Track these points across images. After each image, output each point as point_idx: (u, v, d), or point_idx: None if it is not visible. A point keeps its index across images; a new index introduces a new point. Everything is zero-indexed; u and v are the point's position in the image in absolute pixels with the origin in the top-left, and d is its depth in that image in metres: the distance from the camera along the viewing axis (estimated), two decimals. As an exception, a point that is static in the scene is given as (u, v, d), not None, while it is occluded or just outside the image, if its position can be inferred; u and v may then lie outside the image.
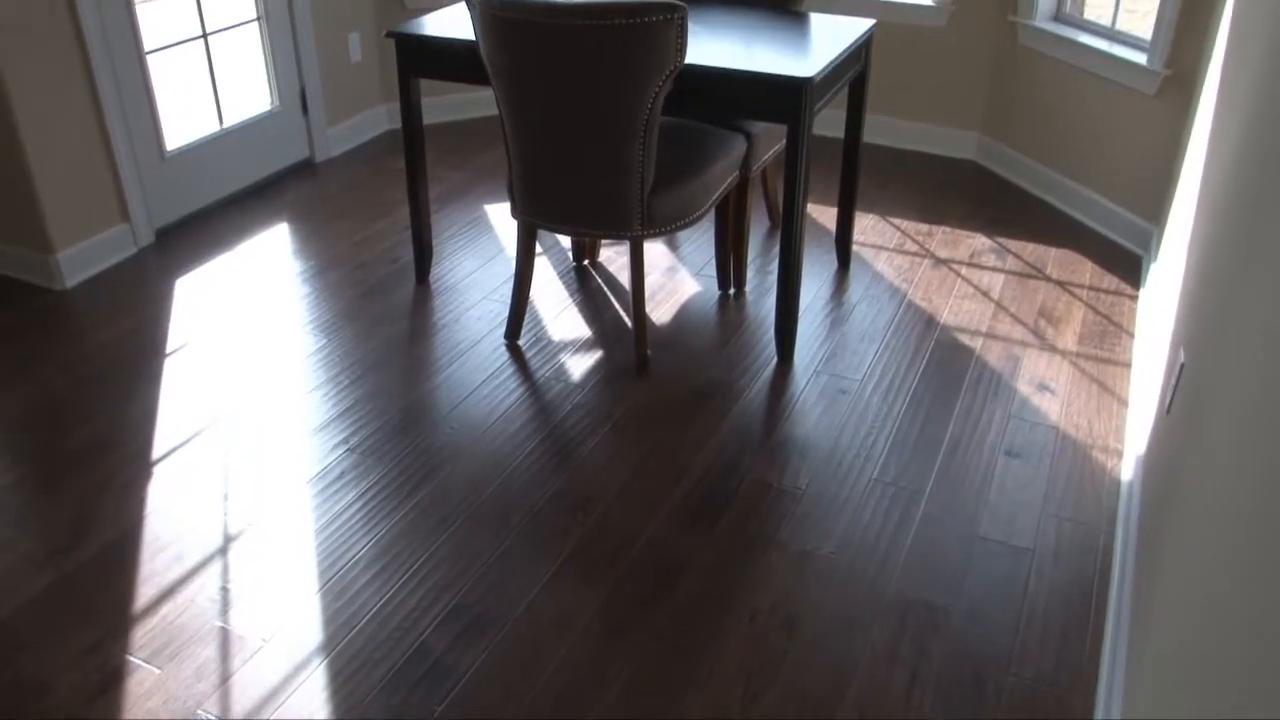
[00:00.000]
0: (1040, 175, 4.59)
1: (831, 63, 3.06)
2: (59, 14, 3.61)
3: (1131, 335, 3.53)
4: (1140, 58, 3.99)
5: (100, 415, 3.08)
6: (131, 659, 2.28)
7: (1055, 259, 4.03)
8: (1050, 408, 3.15)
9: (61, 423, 3.05)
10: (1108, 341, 3.49)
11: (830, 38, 3.32)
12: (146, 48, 4.00)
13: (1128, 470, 2.83)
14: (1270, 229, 1.60)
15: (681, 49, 2.81)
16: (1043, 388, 3.24)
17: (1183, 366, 2.32)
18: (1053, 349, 3.44)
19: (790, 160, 3.07)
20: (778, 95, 2.98)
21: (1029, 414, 3.12)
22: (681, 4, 2.76)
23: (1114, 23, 4.30)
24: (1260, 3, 2.39)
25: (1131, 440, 2.94)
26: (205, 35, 4.30)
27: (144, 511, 2.70)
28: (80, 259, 3.84)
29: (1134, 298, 3.77)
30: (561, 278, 3.84)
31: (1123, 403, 3.18)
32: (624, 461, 2.90)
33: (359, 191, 4.57)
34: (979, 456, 2.93)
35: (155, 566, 2.53)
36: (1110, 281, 3.88)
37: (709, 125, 3.50)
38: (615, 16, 2.72)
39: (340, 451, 2.93)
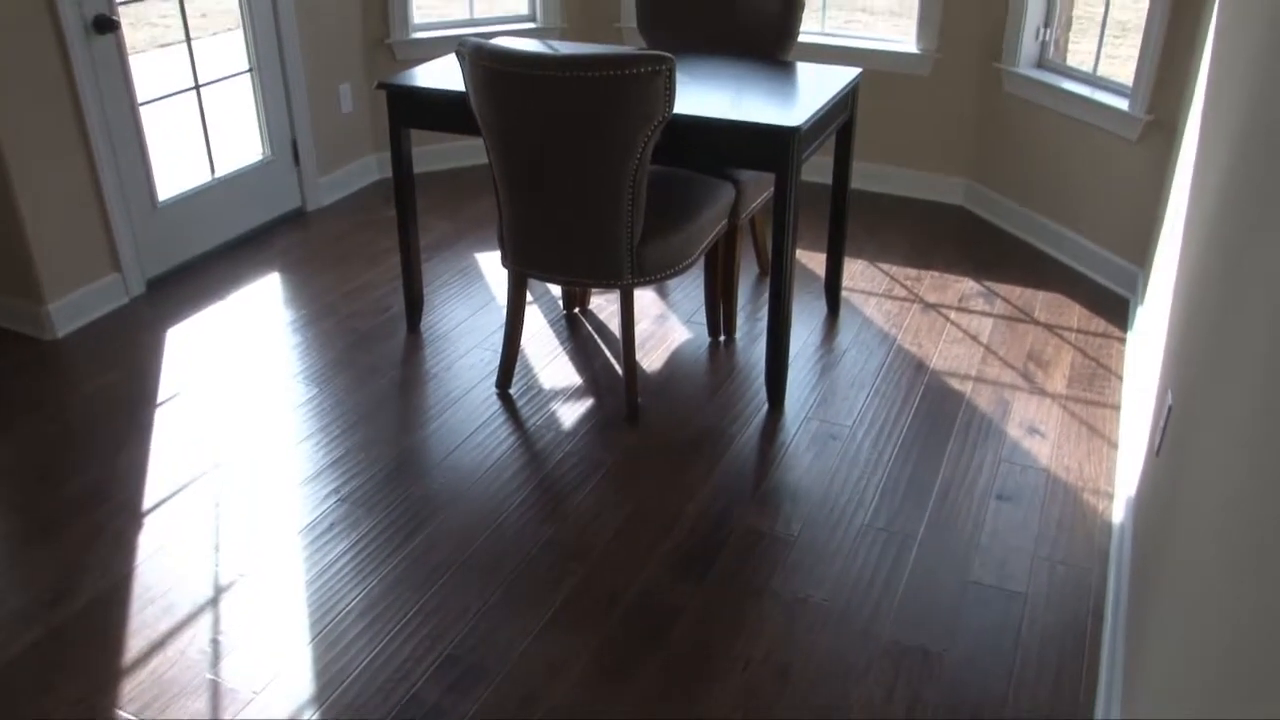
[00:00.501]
0: (1027, 219, 4.63)
1: (818, 111, 3.10)
2: (53, 66, 3.64)
3: (1120, 378, 3.55)
4: (1122, 103, 4.04)
5: (90, 466, 3.07)
6: (121, 713, 2.26)
7: (1043, 302, 4.06)
8: (1041, 451, 3.16)
9: (51, 474, 3.04)
10: (1097, 384, 3.51)
11: (816, 87, 3.36)
12: (140, 99, 4.03)
13: (1119, 512, 2.84)
14: (1254, 272, 1.62)
15: (670, 100, 2.84)
16: (1033, 431, 3.25)
17: (1171, 409, 2.33)
18: (1042, 392, 3.46)
19: (779, 208, 3.09)
20: (765, 144, 3.01)
21: (1019, 457, 3.12)
22: (669, 55, 2.79)
23: (1096, 69, 4.36)
24: (1238, 49, 2.42)
25: (1122, 482, 2.94)
26: (198, 86, 4.34)
27: (134, 563, 2.69)
28: (71, 309, 3.84)
29: (1122, 340, 3.79)
30: (552, 326, 3.86)
31: (1113, 445, 3.19)
32: (616, 510, 2.90)
33: (350, 240, 4.59)
34: (970, 500, 2.93)
35: (145, 618, 2.52)
36: (1098, 324, 3.90)
37: (698, 173, 3.53)
38: (604, 68, 2.75)
39: (331, 502, 2.92)
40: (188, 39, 4.29)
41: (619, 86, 2.77)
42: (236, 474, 3.04)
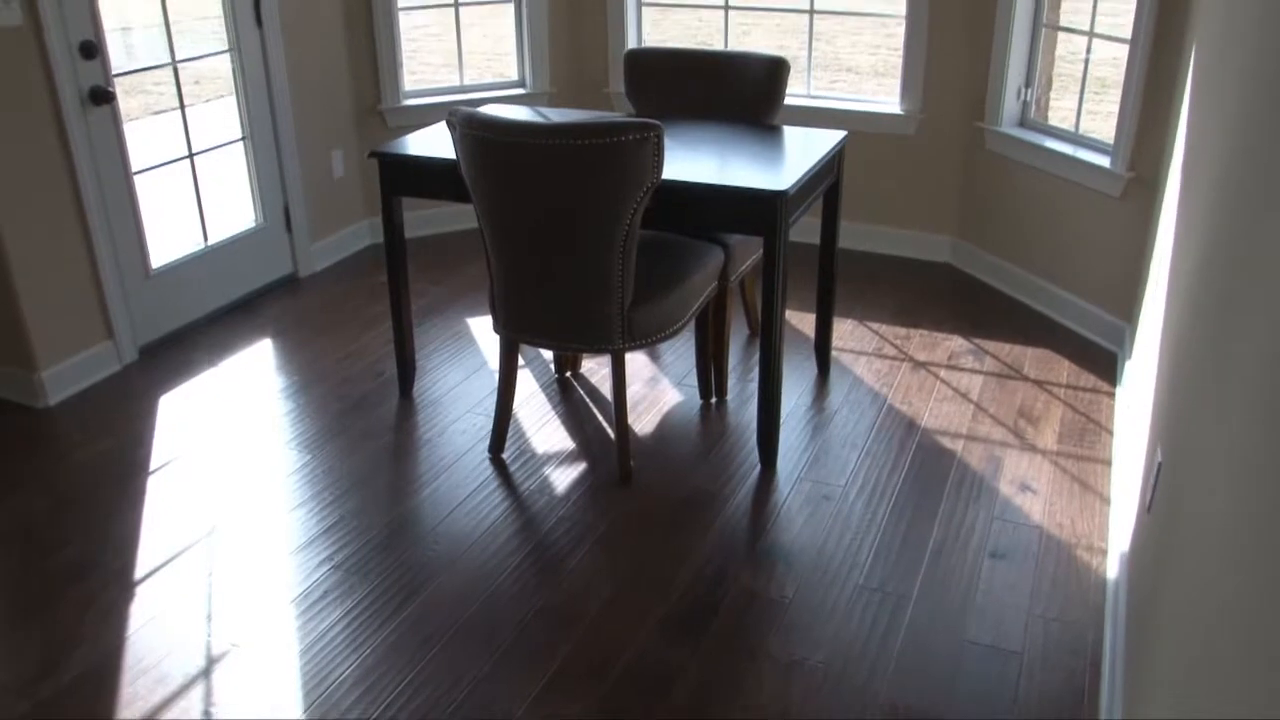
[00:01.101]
0: (1014, 276, 4.67)
1: (805, 175, 3.14)
2: (49, 136, 3.68)
3: (1111, 433, 3.57)
4: (1104, 161, 4.10)
5: (81, 535, 3.06)
6: (112, 790, 2.24)
7: (1032, 359, 4.09)
8: (1033, 508, 3.16)
9: (42, 543, 3.03)
10: (1087, 440, 3.53)
11: (803, 150, 3.40)
12: (134, 168, 4.07)
13: (1113, 568, 2.84)
14: (1240, 328, 1.64)
15: (658, 166, 2.88)
16: (1025, 488, 3.26)
17: (1160, 465, 2.34)
18: (1033, 449, 3.47)
19: (768, 271, 3.12)
20: (753, 209, 3.05)
21: (1012, 515, 3.13)
22: (657, 123, 2.83)
23: (1077, 126, 4.43)
24: (1214, 105, 2.47)
25: (1115, 538, 2.95)
26: (191, 155, 4.38)
27: (125, 633, 2.67)
28: (64, 377, 3.85)
29: (1111, 395, 3.81)
30: (544, 389, 3.87)
31: (1105, 500, 3.20)
32: (610, 574, 2.89)
33: (342, 306, 4.61)
34: (964, 559, 2.94)
35: (137, 690, 2.50)
36: (1087, 380, 3.92)
37: (687, 237, 3.56)
38: (593, 136, 2.79)
39: (325, 569, 2.91)
40: (181, 106, 4.34)
41: (608, 154, 2.81)
42: (229, 542, 3.04)
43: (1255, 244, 1.62)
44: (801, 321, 4.37)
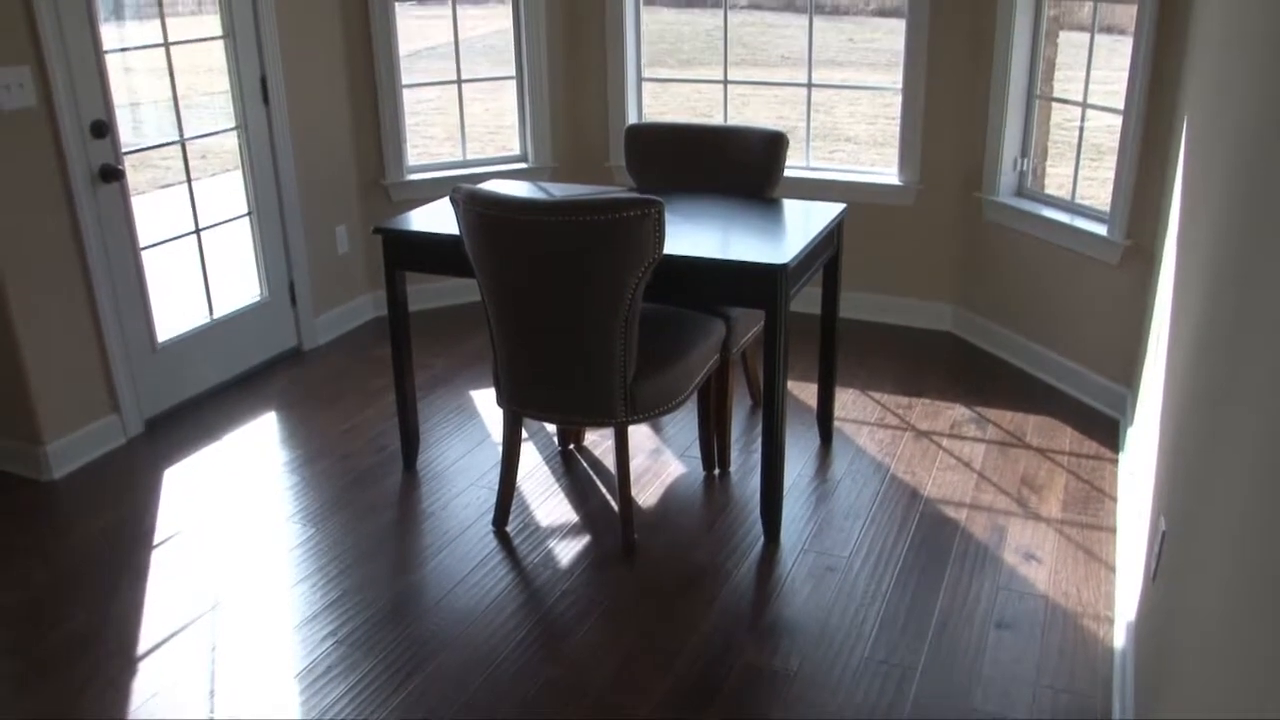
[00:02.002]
0: (1015, 344, 4.70)
1: (805, 248, 3.18)
2: (59, 213, 3.74)
3: (1114, 499, 3.57)
4: (1101, 229, 4.15)
5: (83, 609, 3.06)
6: None
7: (1034, 426, 4.10)
8: (1038, 577, 3.15)
9: (44, 617, 3.02)
10: (1091, 507, 3.52)
11: (803, 223, 3.45)
12: (141, 243, 4.12)
13: (1120, 637, 2.83)
14: (1240, 395, 1.66)
15: (659, 242, 2.91)
16: (1029, 557, 3.26)
17: (1164, 534, 2.34)
18: (1037, 517, 3.47)
19: (769, 344, 3.15)
20: (754, 282, 3.08)
21: (1017, 584, 3.12)
22: (658, 199, 2.87)
23: (1074, 195, 4.48)
24: (1207, 173, 2.50)
25: (1122, 607, 2.94)
26: (198, 230, 4.43)
27: (128, 709, 2.66)
28: (69, 450, 3.87)
29: (1114, 461, 3.82)
30: (548, 462, 3.88)
31: (1110, 569, 3.19)
32: (615, 648, 2.88)
33: (346, 379, 4.64)
34: (969, 630, 2.92)
35: (139, 773, 2.48)
36: (1090, 446, 3.93)
37: (688, 310, 3.59)
38: (594, 213, 2.83)
39: (329, 644, 2.90)
40: (189, 180, 4.41)
41: (610, 230, 2.85)
42: (233, 617, 3.03)
43: (1252, 312, 1.64)
44: (803, 391, 4.39)
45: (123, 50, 4.17)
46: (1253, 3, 2.11)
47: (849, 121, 11.67)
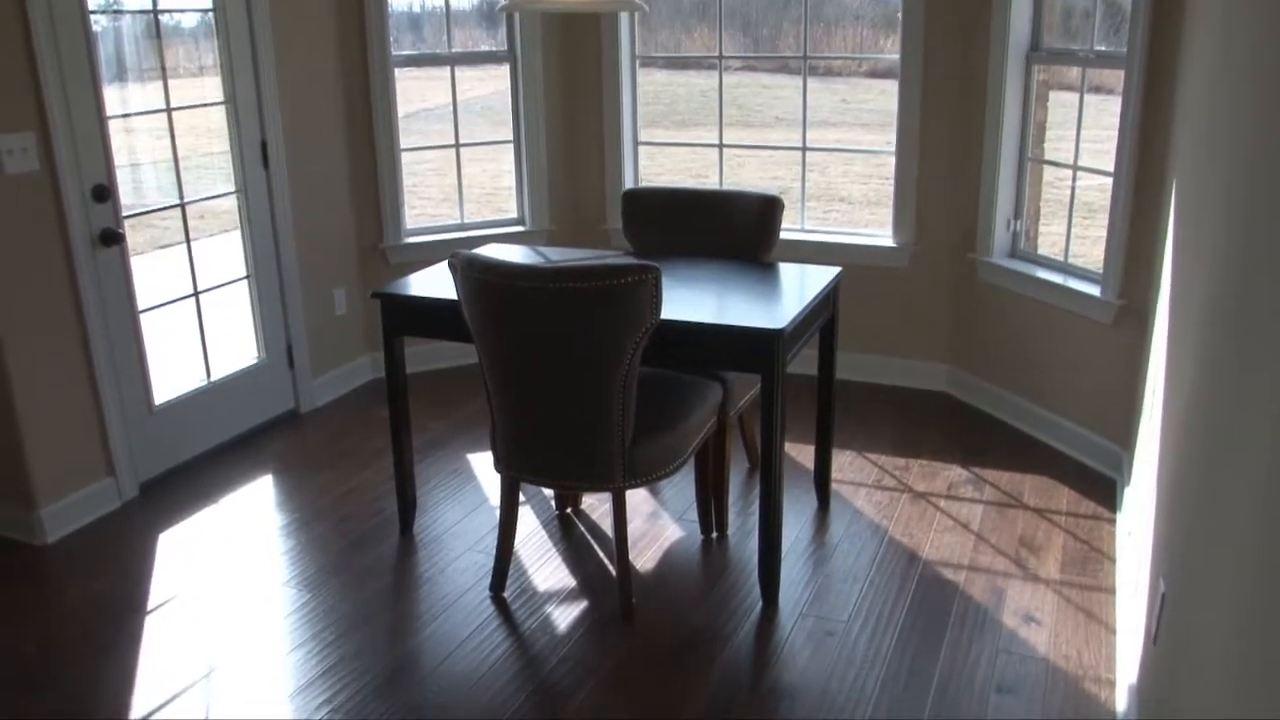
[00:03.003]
0: (1010, 403, 4.71)
1: (801, 313, 3.20)
2: (59, 276, 3.76)
3: (1113, 560, 3.56)
4: (1094, 289, 4.18)
5: (73, 678, 3.03)
6: None
7: (1031, 486, 4.09)
8: (1038, 639, 3.14)
9: (35, 684, 2.99)
10: (1090, 568, 3.51)
11: (799, 287, 3.47)
12: (140, 306, 4.13)
13: (1121, 701, 2.81)
14: (1234, 457, 1.66)
15: (656, 308, 2.93)
16: (1029, 619, 3.24)
17: (1164, 596, 2.34)
18: (1036, 578, 3.46)
19: (766, 409, 3.16)
20: (751, 347, 3.10)
21: (1017, 647, 3.10)
22: (655, 265, 2.90)
23: (1067, 255, 4.52)
24: (1198, 235, 2.52)
25: (1123, 669, 2.92)
26: (196, 293, 4.45)
27: (120, 786, 2.63)
28: (63, 514, 3.85)
29: (1112, 521, 3.81)
30: (545, 526, 3.87)
31: (1110, 630, 3.18)
32: (613, 714, 2.85)
33: (343, 442, 4.63)
34: (970, 695, 2.90)
35: (131, 847, 2.45)
36: (1087, 506, 3.93)
37: (685, 373, 3.60)
38: (592, 279, 2.85)
39: (324, 713, 2.87)
40: (187, 240, 4.44)
41: (607, 296, 2.87)
42: (227, 684, 3.00)
43: (1244, 375, 1.66)
44: (800, 453, 4.38)
45: (125, 116, 4.22)
46: (1238, 67, 2.14)
47: (843, 181, 11.77)
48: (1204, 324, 2.23)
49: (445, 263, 3.63)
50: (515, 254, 3.99)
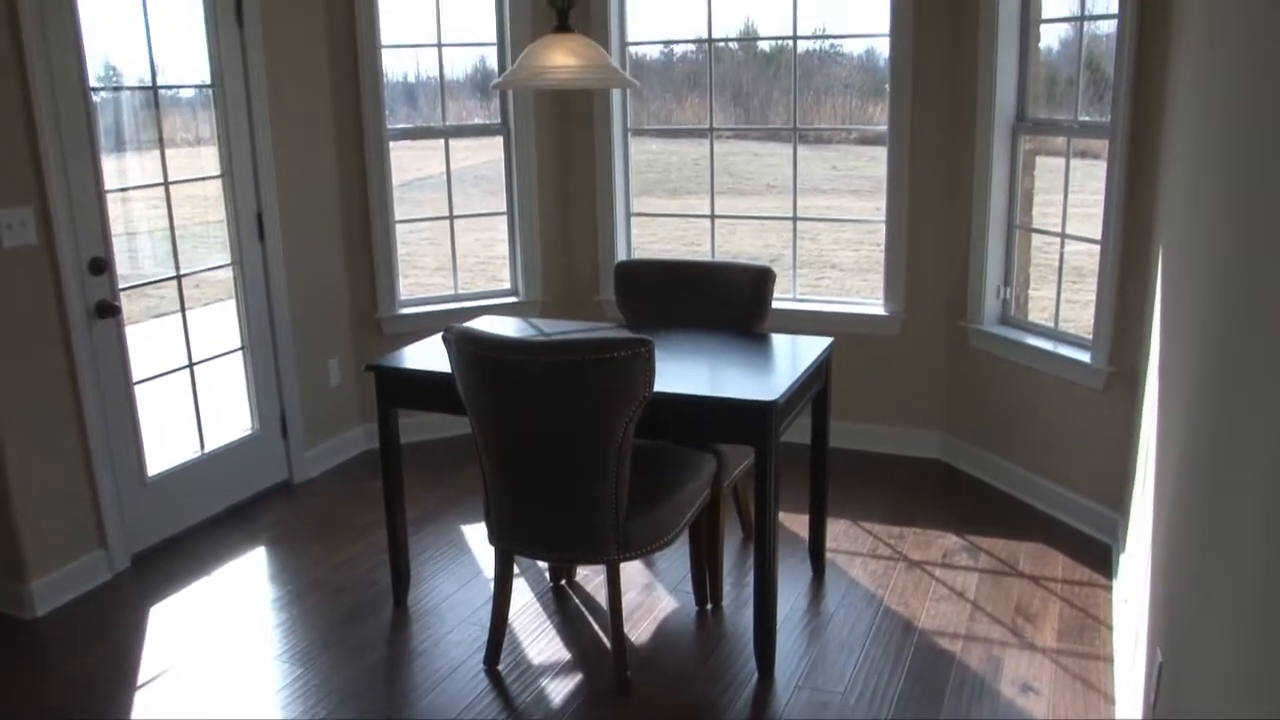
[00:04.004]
0: (1004, 470, 4.72)
1: (794, 384, 3.22)
2: (54, 347, 3.78)
3: (1110, 627, 3.55)
4: (1084, 355, 4.21)
5: (68, 761, 3.00)
6: None
7: (1026, 553, 4.09)
8: (1036, 709, 3.12)
9: (27, 771, 2.96)
10: (1087, 636, 3.50)
11: (791, 359, 3.50)
12: (135, 377, 4.14)
13: (1121, 775, 2.78)
14: (1228, 525, 1.67)
15: (650, 381, 2.95)
16: (1027, 689, 3.22)
17: (1161, 666, 2.33)
18: (1033, 647, 3.45)
19: (760, 481, 3.16)
20: (744, 419, 3.11)
21: (1016, 716, 3.08)
22: (648, 339, 2.92)
23: (1056, 321, 4.56)
24: (1186, 302, 2.55)
25: (1121, 743, 2.90)
26: (191, 364, 4.47)
27: None
28: (53, 587, 3.82)
29: (1108, 588, 3.80)
30: (539, 598, 3.85)
31: (1109, 699, 3.16)
32: (608, 791, 2.83)
33: (337, 513, 4.62)
34: (969, 769, 2.88)
35: None
36: (1082, 573, 3.92)
37: (679, 445, 3.60)
38: (585, 353, 2.87)
39: (315, 792, 2.84)
40: (182, 310, 4.46)
41: (600, 370, 2.89)
42: (218, 765, 2.97)
43: (1235, 445, 1.67)
44: (795, 523, 4.38)
45: (123, 190, 4.26)
46: (1221, 136, 2.18)
47: (834, 248, 11.87)
48: (1193, 390, 2.25)
49: (439, 335, 3.65)
50: (508, 327, 4.01)
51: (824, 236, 12.09)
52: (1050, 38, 4.69)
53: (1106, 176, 3.97)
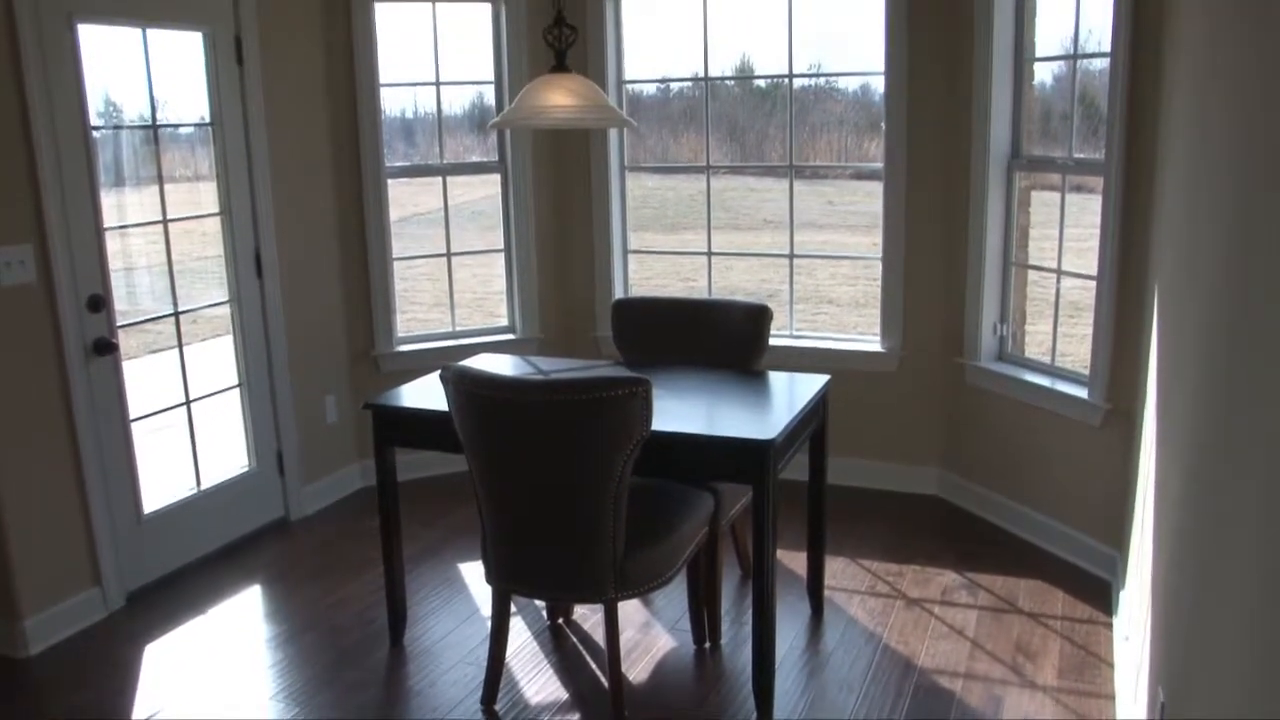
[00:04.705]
0: (1002, 506, 4.71)
1: (791, 423, 3.22)
2: (51, 384, 3.78)
3: (1111, 665, 3.53)
4: (1081, 392, 4.21)
5: (60, 804, 2.97)
6: None
7: (1026, 590, 4.07)
8: (1037, 751, 3.10)
9: (18, 814, 2.93)
10: (1088, 674, 3.48)
11: (788, 397, 3.50)
12: (132, 414, 4.13)
13: (1123, 818, 2.76)
14: (1225, 563, 1.67)
15: (647, 420, 2.95)
16: (1027, 730, 3.21)
17: (1163, 705, 2.32)
18: (1033, 685, 3.43)
19: (757, 519, 3.15)
20: (741, 458, 3.11)
21: (1016, 760, 3.07)
22: (645, 378, 2.92)
23: (1053, 358, 4.56)
24: (1182, 337, 2.55)
25: (1123, 784, 2.88)
26: (188, 402, 4.46)
27: None
28: (47, 625, 3.80)
29: (1108, 625, 3.79)
30: (537, 637, 3.83)
31: (1110, 741, 3.14)
32: (606, 834, 2.80)
33: (333, 550, 4.60)
34: (970, 811, 2.86)
35: None
36: (1083, 610, 3.91)
37: (677, 483, 3.59)
38: (583, 392, 2.87)
39: (310, 835, 2.81)
40: (180, 346, 4.46)
41: (598, 409, 2.89)
42: (212, 808, 2.94)
43: (1234, 479, 1.67)
44: (793, 560, 4.36)
45: (122, 227, 4.27)
46: (1214, 172, 2.20)
47: (830, 283, 11.89)
48: (1190, 428, 2.25)
49: (437, 374, 3.65)
50: (506, 365, 4.01)
51: (820, 271, 12.12)
52: (1044, 72, 4.73)
53: (1101, 213, 3.99)
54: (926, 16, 4.70)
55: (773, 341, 4.14)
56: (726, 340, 4.01)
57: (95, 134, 3.96)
